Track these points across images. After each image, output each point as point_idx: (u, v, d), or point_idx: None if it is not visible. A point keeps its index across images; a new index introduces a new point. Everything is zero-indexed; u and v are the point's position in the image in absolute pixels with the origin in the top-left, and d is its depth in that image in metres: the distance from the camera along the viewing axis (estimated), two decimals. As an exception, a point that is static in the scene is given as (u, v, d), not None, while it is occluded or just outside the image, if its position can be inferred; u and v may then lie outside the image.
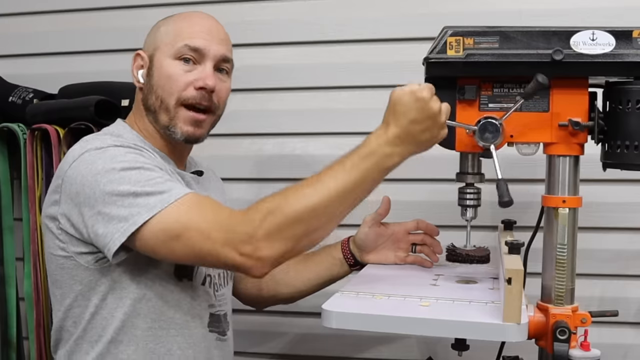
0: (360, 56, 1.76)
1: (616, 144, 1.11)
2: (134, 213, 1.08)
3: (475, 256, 1.23)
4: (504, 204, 1.08)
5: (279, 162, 1.82)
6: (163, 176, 1.13)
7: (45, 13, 1.92)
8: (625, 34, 1.09)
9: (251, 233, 1.06)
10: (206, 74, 1.24)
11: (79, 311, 1.19)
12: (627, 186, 1.65)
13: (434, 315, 1.04)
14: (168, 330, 1.21)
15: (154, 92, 1.25)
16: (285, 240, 1.07)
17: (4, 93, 1.83)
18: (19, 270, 1.84)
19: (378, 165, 1.09)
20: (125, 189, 1.09)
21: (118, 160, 1.12)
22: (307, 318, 1.82)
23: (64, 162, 1.17)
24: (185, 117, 1.24)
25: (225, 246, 1.07)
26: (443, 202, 1.40)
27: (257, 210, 1.08)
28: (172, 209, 1.08)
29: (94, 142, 1.17)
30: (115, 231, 1.08)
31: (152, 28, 1.31)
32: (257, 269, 1.08)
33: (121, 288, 1.17)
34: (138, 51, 1.29)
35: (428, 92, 1.08)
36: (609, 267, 1.67)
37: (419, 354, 1.76)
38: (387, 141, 1.09)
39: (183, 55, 1.23)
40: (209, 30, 1.26)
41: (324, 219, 1.09)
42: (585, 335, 1.08)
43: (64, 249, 1.17)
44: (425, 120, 1.08)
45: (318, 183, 1.08)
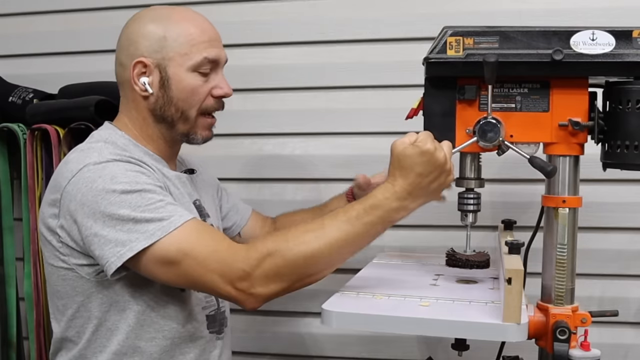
0: (360, 56, 1.76)
1: (616, 144, 1.11)
2: (133, 239, 1.08)
3: (475, 261, 1.23)
4: (549, 173, 1.09)
5: (279, 162, 1.82)
6: (164, 198, 1.13)
7: (45, 13, 1.92)
8: (625, 34, 1.09)
9: (248, 271, 1.08)
10: (223, 82, 1.27)
11: (81, 322, 1.20)
12: (627, 186, 1.65)
13: (434, 315, 1.04)
14: (172, 339, 1.22)
15: (173, 104, 1.24)
16: (281, 282, 1.09)
17: (4, 93, 1.83)
18: (19, 270, 1.84)
19: (383, 219, 1.11)
20: (125, 213, 1.09)
21: (118, 180, 1.11)
22: (307, 318, 1.82)
23: (61, 176, 1.16)
24: (204, 124, 1.28)
25: (222, 279, 1.09)
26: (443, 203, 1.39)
27: (256, 249, 1.09)
28: (172, 236, 1.09)
29: (91, 154, 1.16)
30: (112, 255, 1.09)
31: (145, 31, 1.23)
32: (249, 303, 1.11)
33: (124, 301, 1.18)
34: (139, 58, 1.22)
35: (431, 143, 1.09)
36: (609, 267, 1.67)
37: (419, 354, 1.76)
38: (395, 195, 1.10)
39: (202, 66, 1.24)
40: (215, 37, 1.27)
41: (322, 266, 1.12)
42: (585, 335, 1.08)
43: (65, 261, 1.17)
44: (432, 172, 1.09)
45: (320, 230, 1.10)
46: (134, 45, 1.23)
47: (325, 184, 1.79)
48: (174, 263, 1.09)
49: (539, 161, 1.10)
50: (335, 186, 1.78)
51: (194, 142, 1.29)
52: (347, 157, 1.77)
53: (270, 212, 1.59)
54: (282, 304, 1.79)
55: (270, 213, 1.60)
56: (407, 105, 1.23)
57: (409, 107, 1.23)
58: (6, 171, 1.85)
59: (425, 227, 1.47)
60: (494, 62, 1.07)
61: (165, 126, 1.26)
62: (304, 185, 1.81)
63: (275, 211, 1.60)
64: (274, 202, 1.77)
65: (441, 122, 1.17)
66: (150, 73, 1.23)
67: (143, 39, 1.23)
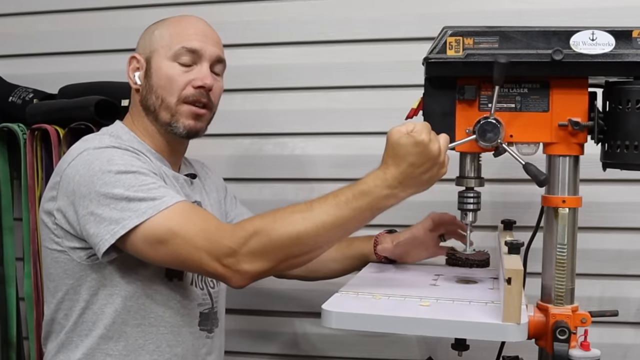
0: (360, 56, 1.76)
1: (616, 144, 1.11)
2: (125, 217, 1.11)
3: (475, 260, 1.24)
4: (541, 182, 1.09)
5: (279, 162, 1.82)
6: (157, 182, 1.16)
7: (45, 13, 1.92)
8: (625, 34, 1.09)
9: (234, 248, 1.09)
10: (204, 73, 1.29)
11: (69, 304, 1.22)
12: (627, 186, 1.65)
13: (434, 315, 1.04)
14: (157, 327, 1.23)
15: (153, 92, 1.29)
16: (267, 261, 1.10)
17: (4, 93, 1.83)
18: (19, 270, 1.84)
19: (371, 206, 1.11)
20: (119, 192, 1.12)
21: (114, 162, 1.15)
22: (307, 318, 1.82)
23: (63, 161, 1.21)
24: (186, 112, 1.29)
25: (209, 256, 1.10)
26: (443, 203, 1.39)
27: (243, 228, 1.11)
28: (162, 215, 1.11)
29: (92, 141, 1.21)
30: (105, 233, 1.11)
31: (145, 32, 1.34)
32: (236, 280, 1.12)
33: (112, 285, 1.20)
34: (133, 54, 1.32)
35: (427, 134, 1.09)
36: (609, 267, 1.67)
37: (419, 354, 1.76)
38: (385, 183, 1.10)
39: (181, 56, 1.28)
40: (203, 32, 1.31)
41: (308, 248, 1.12)
42: (585, 335, 1.08)
43: (59, 244, 1.20)
44: (425, 163, 1.09)
45: (308, 212, 1.10)
46: (136, 47, 1.34)
47: (326, 184, 1.79)
48: (163, 242, 1.11)
49: (533, 169, 1.10)
50: (335, 186, 1.78)
51: (177, 131, 1.29)
52: (347, 157, 1.77)
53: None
54: (282, 304, 1.79)
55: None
56: (407, 105, 1.23)
57: (409, 107, 1.23)
58: (6, 171, 1.85)
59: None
60: (506, 64, 1.06)
61: (152, 117, 1.30)
62: (304, 185, 1.81)
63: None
64: (274, 202, 1.76)
65: (441, 122, 1.16)
66: (142, 67, 1.31)
67: (141, 39, 1.34)
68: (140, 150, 1.23)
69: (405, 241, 1.42)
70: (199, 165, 1.48)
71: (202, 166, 1.49)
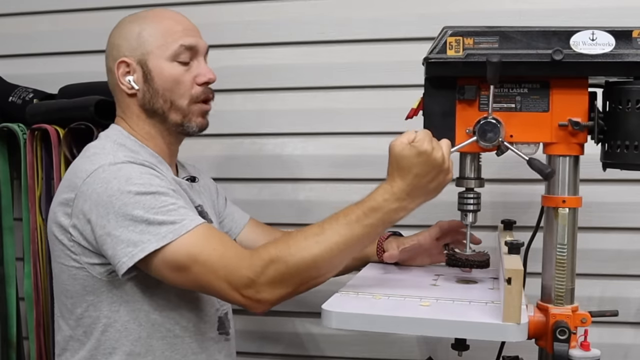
0: (360, 56, 1.76)
1: (616, 144, 1.11)
2: (145, 240, 1.10)
3: (475, 261, 1.23)
4: (547, 175, 1.10)
5: (279, 162, 1.82)
6: (176, 202, 1.14)
7: (45, 13, 1.92)
8: (625, 34, 1.09)
9: (253, 278, 1.09)
10: (205, 69, 1.29)
11: (89, 321, 1.20)
12: (627, 186, 1.65)
13: (434, 315, 1.04)
14: (183, 338, 1.23)
15: (160, 95, 1.27)
16: (286, 287, 1.11)
17: (4, 93, 1.83)
18: (19, 270, 1.84)
19: (383, 221, 1.11)
20: (139, 214, 1.10)
21: (133, 181, 1.13)
22: (307, 318, 1.82)
23: (75, 176, 1.17)
24: (197, 110, 1.29)
25: (229, 286, 1.10)
26: (443, 202, 1.39)
27: (260, 256, 1.11)
28: (183, 240, 1.10)
29: (105, 155, 1.18)
30: (124, 255, 1.10)
31: (123, 32, 1.29)
32: (256, 309, 1.13)
33: (134, 300, 1.19)
34: (121, 58, 1.27)
35: (428, 142, 1.09)
36: (609, 267, 1.67)
37: (419, 354, 1.76)
38: (394, 196, 1.10)
39: (180, 55, 1.27)
40: (189, 26, 1.31)
41: (324, 270, 1.13)
42: (585, 335, 1.08)
43: (77, 260, 1.18)
44: (430, 172, 1.10)
45: (321, 235, 1.11)
46: (116, 49, 1.29)
47: (325, 184, 1.79)
48: (183, 268, 1.10)
49: (538, 163, 1.10)
50: (335, 186, 1.79)
51: (190, 130, 1.29)
52: (347, 157, 1.77)
53: (270, 212, 1.59)
54: (282, 304, 1.78)
55: (270, 213, 1.60)
56: (407, 105, 1.23)
57: (409, 107, 1.23)
58: (6, 171, 1.85)
59: (425, 227, 1.47)
60: (498, 63, 1.07)
61: (158, 120, 1.28)
62: (304, 185, 1.81)
63: (275, 211, 1.60)
64: (274, 202, 1.77)
65: (441, 122, 1.17)
66: (134, 71, 1.27)
67: (122, 40, 1.28)
68: (151, 161, 1.21)
69: (411, 247, 1.42)
70: (191, 167, 1.47)
71: (193, 168, 1.48)
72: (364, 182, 1.71)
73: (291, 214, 1.72)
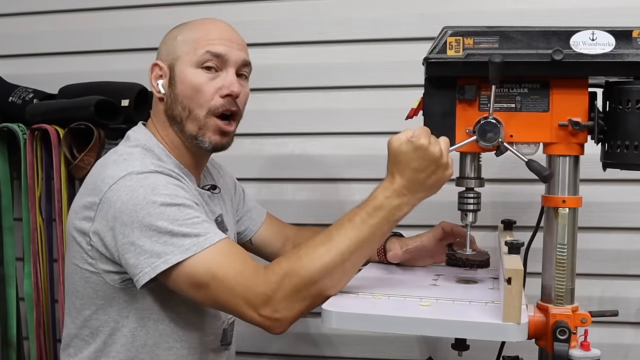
0: (360, 56, 1.76)
1: (616, 144, 1.11)
2: (168, 252, 1.09)
3: (475, 260, 1.23)
4: (545, 178, 1.10)
5: (279, 162, 1.82)
6: (200, 215, 1.14)
7: (45, 13, 1.92)
8: (625, 34, 1.09)
9: (270, 295, 1.08)
10: (230, 80, 1.24)
11: (96, 323, 1.20)
12: (627, 186, 1.65)
13: (434, 315, 1.04)
14: (189, 349, 1.23)
15: (179, 102, 1.24)
16: (303, 301, 1.10)
17: (4, 93, 1.83)
18: (19, 270, 1.84)
19: (387, 219, 1.11)
20: (163, 225, 1.09)
21: (159, 192, 1.12)
22: (307, 318, 1.82)
23: (101, 181, 1.15)
24: (214, 126, 1.24)
25: (246, 305, 1.09)
26: (443, 202, 1.39)
27: (274, 272, 1.10)
28: (205, 255, 1.09)
29: (133, 162, 1.16)
30: (146, 265, 1.09)
31: (167, 37, 1.29)
32: (275, 328, 1.11)
33: (144, 309, 1.19)
34: (155, 61, 1.27)
35: (425, 137, 1.09)
36: (609, 267, 1.67)
37: (419, 354, 1.76)
38: (395, 193, 1.10)
39: (206, 62, 1.23)
40: (228, 36, 1.26)
41: (338, 277, 1.12)
42: (585, 335, 1.08)
43: (92, 265, 1.17)
44: (428, 167, 1.09)
45: (330, 242, 1.10)
46: (157, 52, 1.29)
47: (326, 184, 1.80)
48: (203, 285, 1.10)
49: (537, 165, 1.10)
50: (335, 186, 1.79)
51: (202, 145, 1.25)
52: (347, 157, 1.77)
53: (270, 212, 1.58)
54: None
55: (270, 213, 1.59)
56: (407, 105, 1.23)
57: (409, 107, 1.23)
58: (6, 171, 1.85)
59: (425, 227, 1.47)
60: (500, 63, 1.07)
61: (177, 128, 1.26)
62: (304, 185, 1.81)
63: (275, 211, 1.59)
64: (274, 202, 1.77)
65: (441, 122, 1.17)
66: (165, 75, 1.26)
67: (163, 44, 1.28)
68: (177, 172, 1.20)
69: (414, 249, 1.42)
70: (211, 165, 1.44)
71: (213, 165, 1.46)
72: (364, 182, 1.71)
73: (291, 214, 1.71)
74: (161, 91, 1.26)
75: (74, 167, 1.67)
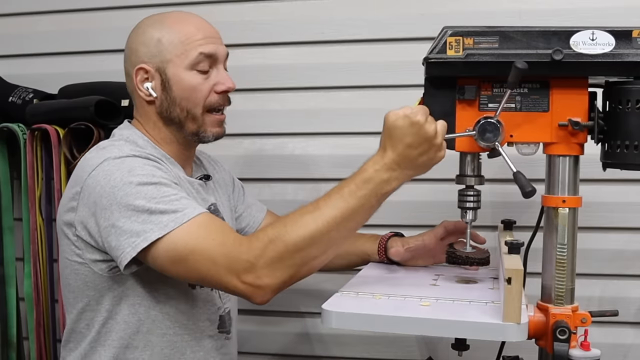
0: (360, 56, 1.76)
1: (616, 144, 1.11)
2: (147, 229, 1.09)
3: (475, 258, 1.23)
4: (527, 194, 1.09)
5: (279, 162, 1.82)
6: (178, 193, 1.14)
7: (45, 13, 1.92)
8: (625, 34, 1.09)
9: (253, 262, 1.08)
10: (224, 77, 1.28)
11: (91, 315, 1.21)
12: (627, 186, 1.65)
13: (434, 315, 1.04)
14: (182, 335, 1.24)
15: (177, 104, 1.26)
16: (287, 269, 1.09)
17: (4, 93, 1.83)
18: (19, 270, 1.84)
19: (376, 192, 1.10)
20: (141, 204, 1.10)
21: (136, 173, 1.13)
22: (307, 318, 1.82)
23: (82, 170, 1.18)
24: (212, 121, 1.29)
25: (229, 273, 1.09)
26: (443, 202, 1.40)
27: (258, 239, 1.10)
28: (183, 229, 1.10)
29: (111, 150, 1.19)
30: (127, 245, 1.10)
31: (142, 37, 1.27)
32: (258, 296, 1.10)
33: (135, 295, 1.19)
34: (140, 65, 1.25)
35: (422, 115, 1.09)
36: (609, 267, 1.67)
37: (419, 354, 1.76)
38: (385, 167, 1.10)
39: (199, 63, 1.25)
40: (209, 32, 1.28)
41: (323, 247, 1.11)
42: (585, 335, 1.08)
43: (80, 256, 1.19)
44: (422, 144, 1.09)
45: (316, 211, 1.10)
46: (135, 54, 1.27)
47: (325, 184, 1.78)
48: (184, 258, 1.10)
49: (522, 179, 1.09)
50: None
51: (205, 139, 1.30)
52: (347, 157, 1.77)
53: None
54: (282, 304, 1.79)
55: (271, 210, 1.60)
56: (407, 105, 1.23)
57: (409, 107, 1.23)
58: (6, 171, 1.85)
59: (425, 227, 1.47)
60: (523, 69, 1.06)
61: (175, 128, 1.28)
62: (304, 185, 1.81)
63: (275, 211, 1.60)
64: (274, 202, 1.77)
65: (441, 122, 1.16)
66: (152, 78, 1.26)
67: (141, 45, 1.26)
68: (158, 157, 1.22)
69: (415, 247, 1.42)
70: (207, 160, 1.46)
71: (209, 161, 1.47)
72: (364, 182, 1.71)
73: (291, 214, 1.71)
74: (152, 94, 1.26)
75: (74, 167, 1.66)
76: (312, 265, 1.12)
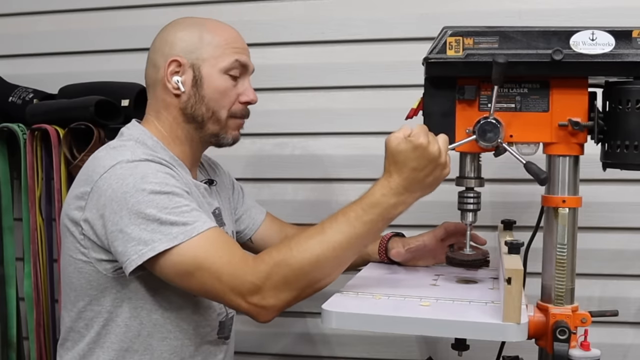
0: (360, 56, 1.76)
1: (616, 144, 1.11)
2: (155, 239, 1.09)
3: (474, 261, 1.23)
4: (542, 181, 1.10)
5: (279, 162, 1.82)
6: (190, 204, 1.14)
7: (45, 13, 1.92)
8: (625, 34, 1.09)
9: (259, 284, 1.09)
10: (249, 89, 1.32)
11: (91, 315, 1.21)
12: (627, 186, 1.65)
13: (434, 315, 1.04)
14: (182, 340, 1.23)
15: (204, 103, 1.27)
16: (291, 291, 1.10)
17: (4, 93, 1.83)
18: (19, 270, 1.84)
19: (382, 216, 1.11)
20: (152, 213, 1.10)
21: (149, 180, 1.12)
22: (307, 318, 1.82)
23: (92, 171, 1.17)
24: (233, 125, 1.31)
25: (233, 293, 1.10)
26: (444, 202, 1.39)
27: (263, 261, 1.11)
28: (192, 243, 1.10)
29: (123, 152, 1.18)
30: (133, 253, 1.10)
31: (182, 33, 1.28)
32: (262, 316, 1.12)
33: (137, 298, 1.19)
34: (174, 57, 1.25)
35: (424, 136, 1.09)
36: (608, 267, 1.67)
37: (419, 354, 1.76)
38: (392, 191, 1.11)
39: (233, 69, 1.28)
40: (243, 44, 1.33)
41: (328, 270, 1.12)
42: (585, 335, 1.08)
43: (85, 254, 1.18)
44: (427, 166, 1.10)
45: (322, 235, 1.11)
46: (170, 46, 1.27)
47: (326, 184, 1.80)
48: (190, 273, 1.10)
49: (534, 167, 1.10)
50: (335, 186, 1.79)
51: (224, 142, 1.31)
52: (347, 157, 1.77)
53: (271, 212, 1.59)
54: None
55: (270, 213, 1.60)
56: (407, 105, 1.23)
57: (409, 107, 1.23)
58: (6, 171, 1.85)
59: (425, 227, 1.47)
60: (504, 64, 1.07)
61: (194, 126, 1.28)
62: (304, 185, 1.81)
63: (275, 211, 1.60)
64: (273, 202, 1.77)
65: (441, 122, 1.17)
66: (184, 72, 1.26)
67: (179, 40, 1.27)
68: (169, 161, 1.21)
69: (416, 248, 1.42)
70: (208, 164, 1.46)
71: (210, 164, 1.47)
72: (364, 182, 1.69)
73: (291, 214, 1.71)
74: (181, 88, 1.26)
75: (74, 167, 1.67)
76: (317, 287, 1.13)
